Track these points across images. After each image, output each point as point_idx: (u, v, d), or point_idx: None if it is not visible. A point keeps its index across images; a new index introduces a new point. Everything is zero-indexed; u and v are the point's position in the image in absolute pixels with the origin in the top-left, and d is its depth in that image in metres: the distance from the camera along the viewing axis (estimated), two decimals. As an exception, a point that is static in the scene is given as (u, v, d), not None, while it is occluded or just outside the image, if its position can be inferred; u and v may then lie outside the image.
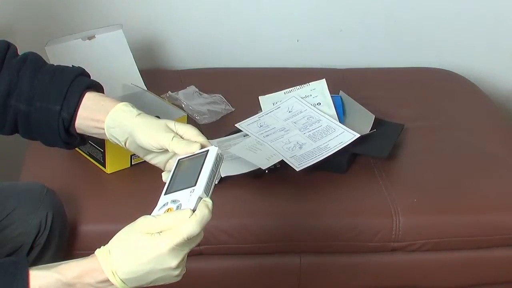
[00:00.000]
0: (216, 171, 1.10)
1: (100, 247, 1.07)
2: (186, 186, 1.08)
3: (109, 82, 1.63)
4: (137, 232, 1.04)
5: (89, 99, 1.24)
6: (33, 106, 1.24)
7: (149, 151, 1.19)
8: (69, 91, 1.23)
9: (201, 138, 1.16)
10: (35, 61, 1.29)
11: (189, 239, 1.03)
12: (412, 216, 1.71)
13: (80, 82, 1.25)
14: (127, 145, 1.21)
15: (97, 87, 1.28)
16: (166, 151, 1.17)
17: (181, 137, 1.16)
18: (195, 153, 1.13)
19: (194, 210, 1.04)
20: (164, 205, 1.07)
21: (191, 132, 1.16)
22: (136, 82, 1.95)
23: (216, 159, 1.10)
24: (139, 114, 1.20)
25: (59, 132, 1.24)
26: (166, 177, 1.16)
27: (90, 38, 1.93)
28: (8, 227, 1.43)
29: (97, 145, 1.72)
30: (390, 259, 1.74)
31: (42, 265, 1.07)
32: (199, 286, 1.69)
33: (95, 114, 1.22)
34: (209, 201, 1.05)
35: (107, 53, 1.94)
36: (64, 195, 1.57)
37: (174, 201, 1.07)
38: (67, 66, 1.29)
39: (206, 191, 1.06)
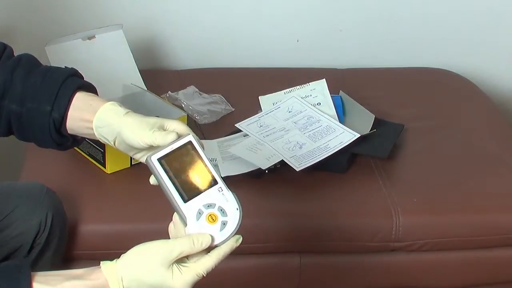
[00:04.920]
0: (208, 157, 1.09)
1: (105, 261, 1.04)
2: (206, 186, 1.06)
3: (109, 82, 1.63)
4: (154, 262, 1.03)
5: (79, 99, 1.22)
6: (24, 107, 1.23)
7: (139, 150, 1.17)
8: (60, 91, 1.22)
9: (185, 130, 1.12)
10: (29, 62, 1.27)
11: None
12: (412, 216, 1.71)
13: (71, 82, 1.23)
14: (116, 144, 1.18)
15: (89, 88, 1.26)
16: (155, 147, 1.14)
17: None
18: (174, 147, 1.08)
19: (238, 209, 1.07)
20: (199, 213, 1.05)
21: (179, 126, 1.13)
22: (136, 82, 1.94)
23: (200, 145, 1.08)
24: (126, 113, 1.17)
25: (50, 133, 1.22)
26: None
27: (90, 38, 1.93)
28: (8, 227, 1.44)
29: (97, 145, 1.72)
30: (390, 259, 1.74)
31: (45, 275, 1.04)
32: (198, 286, 1.69)
33: (84, 114, 1.20)
34: (239, 239, 1.11)
35: (107, 53, 1.94)
36: (64, 195, 1.57)
37: (209, 206, 1.06)
38: (60, 67, 1.28)
39: (223, 182, 1.07)
